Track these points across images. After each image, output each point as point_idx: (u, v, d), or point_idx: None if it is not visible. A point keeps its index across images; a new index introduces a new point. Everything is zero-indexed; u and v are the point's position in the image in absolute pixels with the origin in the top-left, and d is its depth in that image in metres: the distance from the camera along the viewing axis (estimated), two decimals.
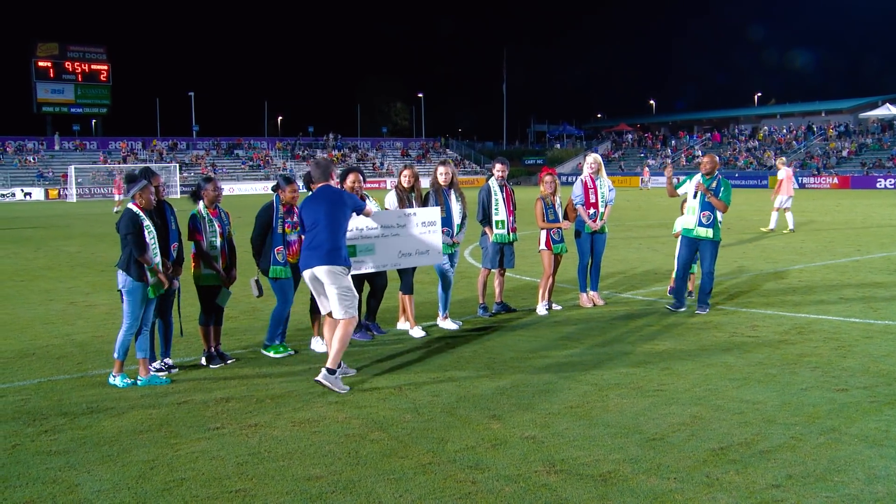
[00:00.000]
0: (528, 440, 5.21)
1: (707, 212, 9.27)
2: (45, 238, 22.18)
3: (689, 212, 9.52)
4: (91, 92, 72.94)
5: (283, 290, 7.64)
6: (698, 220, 9.33)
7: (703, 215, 9.30)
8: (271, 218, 7.55)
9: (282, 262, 7.55)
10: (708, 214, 9.27)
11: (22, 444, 5.32)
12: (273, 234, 7.52)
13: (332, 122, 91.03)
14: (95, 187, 58.20)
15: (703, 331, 8.50)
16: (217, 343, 7.50)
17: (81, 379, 6.96)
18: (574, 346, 7.95)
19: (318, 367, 6.81)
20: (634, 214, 24.40)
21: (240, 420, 5.73)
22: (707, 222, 9.28)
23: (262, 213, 7.60)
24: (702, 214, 9.30)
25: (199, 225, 7.25)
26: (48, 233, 24.38)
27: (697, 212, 9.34)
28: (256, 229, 7.60)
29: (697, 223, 9.34)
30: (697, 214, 9.34)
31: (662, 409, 5.81)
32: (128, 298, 6.51)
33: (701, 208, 9.31)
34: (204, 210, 7.32)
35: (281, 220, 7.57)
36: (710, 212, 9.25)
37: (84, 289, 12.31)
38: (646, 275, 12.71)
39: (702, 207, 9.31)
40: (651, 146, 78.17)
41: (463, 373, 6.95)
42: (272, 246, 7.52)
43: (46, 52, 70.71)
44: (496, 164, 9.57)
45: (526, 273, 12.72)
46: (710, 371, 6.86)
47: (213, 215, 7.36)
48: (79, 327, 9.25)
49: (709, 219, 9.27)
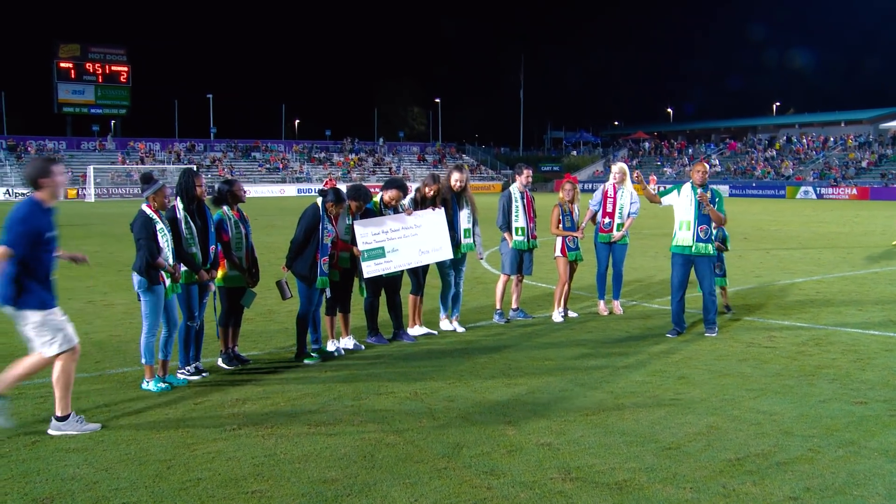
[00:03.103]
0: (544, 447, 5.21)
1: (704, 225, 8.62)
2: (63, 237, 22.11)
3: (682, 227, 8.73)
4: (111, 93, 73.58)
5: (310, 295, 7.64)
6: (695, 235, 8.61)
7: (700, 230, 8.61)
8: (317, 224, 7.52)
9: (326, 272, 7.58)
10: (706, 228, 8.63)
11: (41, 441, 5.38)
12: (319, 243, 7.50)
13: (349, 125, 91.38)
14: (114, 188, 58.70)
15: (719, 341, 8.46)
16: (234, 344, 7.54)
17: (99, 377, 7.04)
18: (590, 353, 7.94)
19: (335, 368, 6.85)
20: (651, 223, 24.31)
21: (256, 421, 5.77)
22: (705, 237, 8.63)
23: (309, 218, 7.54)
24: (699, 229, 8.61)
25: (226, 226, 7.30)
26: (67, 232, 24.49)
27: (694, 226, 8.62)
28: (301, 233, 7.55)
29: (695, 239, 8.62)
30: (694, 229, 8.61)
31: (678, 419, 5.79)
32: (145, 300, 6.52)
33: (698, 222, 8.62)
34: (228, 212, 7.36)
35: (326, 229, 7.57)
36: (707, 225, 8.65)
37: (102, 288, 12.42)
38: (662, 283, 12.66)
39: (699, 221, 8.62)
40: (668, 154, 77.91)
41: (478, 378, 6.95)
42: (319, 254, 7.50)
43: (68, 53, 71.47)
44: (524, 170, 9.64)
45: (542, 280, 12.72)
46: (727, 381, 6.83)
47: (237, 217, 7.41)
48: (97, 326, 9.33)
49: (706, 233, 8.64)
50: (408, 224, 8.52)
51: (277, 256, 8.61)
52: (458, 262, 9.07)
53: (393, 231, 8.36)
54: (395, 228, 8.40)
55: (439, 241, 8.74)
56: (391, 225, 8.39)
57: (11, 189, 56.62)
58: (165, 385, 6.65)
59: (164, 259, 6.48)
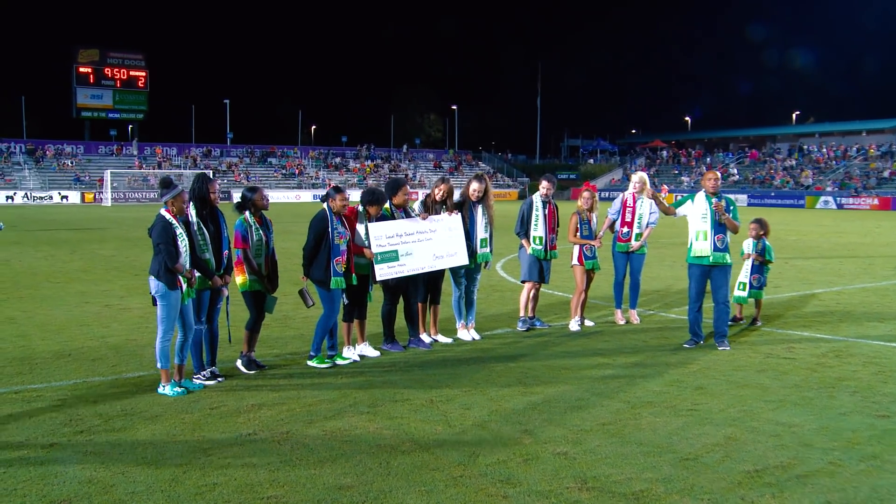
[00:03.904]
0: (560, 456, 5.20)
1: (721, 234, 8.56)
2: (80, 241, 22.57)
3: (698, 237, 8.66)
4: (129, 98, 74.26)
5: (333, 300, 7.70)
6: (713, 244, 8.55)
7: (717, 239, 8.54)
8: (326, 228, 7.58)
9: (340, 273, 7.61)
10: (722, 237, 8.56)
11: (59, 444, 5.43)
12: (331, 245, 7.55)
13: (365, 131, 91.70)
14: (130, 192, 59.18)
15: (737, 351, 8.41)
16: (251, 350, 7.56)
17: (116, 381, 7.09)
18: (606, 363, 7.91)
19: (351, 374, 6.85)
20: (668, 232, 24.19)
21: (272, 427, 5.79)
22: (722, 246, 8.56)
23: (318, 224, 7.63)
24: (716, 238, 8.54)
25: (247, 233, 7.31)
26: (84, 235, 24.82)
27: (711, 236, 8.56)
28: (311, 240, 7.63)
29: (713, 248, 8.55)
30: (711, 239, 8.56)
31: (696, 429, 5.76)
32: (161, 304, 6.56)
33: (714, 231, 8.56)
34: (251, 218, 7.39)
35: (336, 230, 7.62)
36: (724, 234, 8.59)
37: (118, 292, 12.51)
38: (680, 293, 12.60)
39: (715, 230, 8.55)
40: (685, 163, 77.62)
41: (495, 387, 6.95)
42: (331, 257, 7.55)
43: (87, 58, 72.25)
44: (542, 181, 9.64)
45: (558, 288, 12.69)
46: (745, 392, 6.79)
47: (259, 223, 7.44)
48: (113, 330, 9.40)
49: (723, 242, 8.56)
50: (423, 228, 8.50)
51: (293, 262, 8.64)
52: (471, 271, 9.05)
53: (407, 235, 8.35)
54: (410, 232, 8.39)
55: (455, 247, 8.71)
56: (406, 228, 8.38)
57: (30, 192, 57.20)
58: (181, 390, 6.69)
59: (181, 264, 6.53)
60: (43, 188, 58.70)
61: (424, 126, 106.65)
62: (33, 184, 59.48)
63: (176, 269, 6.48)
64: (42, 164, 63.38)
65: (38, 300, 11.67)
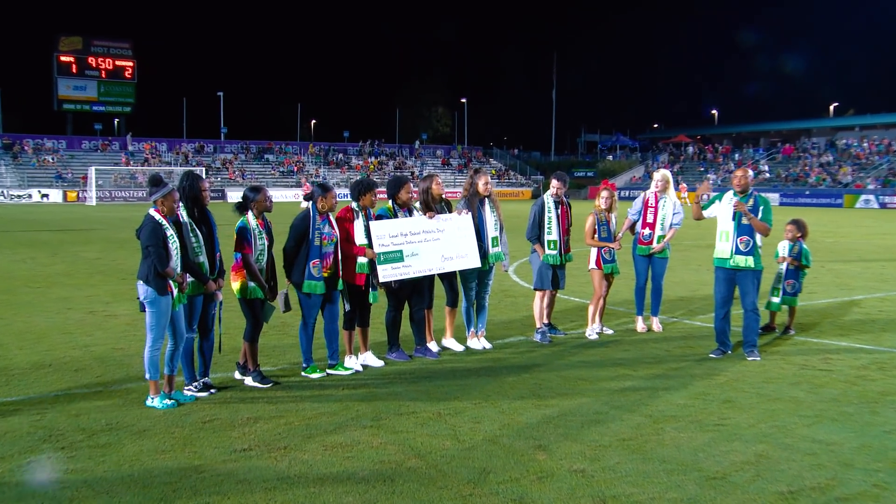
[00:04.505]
0: (577, 473, 5.21)
1: (745, 236, 8.54)
2: (62, 243, 22.69)
3: (721, 238, 8.74)
4: (115, 89, 74.69)
5: (309, 306, 7.74)
6: (734, 246, 8.59)
7: (740, 241, 8.55)
8: (308, 228, 7.64)
9: (317, 276, 7.63)
10: (746, 239, 8.54)
11: (39, 461, 5.45)
12: (309, 246, 7.60)
13: (368, 127, 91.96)
14: (116, 190, 59.41)
15: (768, 362, 8.40)
16: (257, 364, 7.54)
17: (100, 393, 7.11)
18: (626, 373, 7.92)
19: (353, 386, 6.87)
20: (693, 233, 24.16)
21: (268, 442, 5.82)
22: (746, 249, 8.54)
23: (299, 223, 7.69)
24: (739, 240, 8.56)
25: (250, 236, 7.31)
26: (66, 237, 24.95)
27: (733, 237, 8.60)
28: (291, 240, 7.69)
29: (734, 251, 8.59)
30: (733, 240, 8.60)
31: (724, 446, 5.76)
32: (150, 311, 6.58)
33: (738, 233, 8.57)
34: (253, 221, 7.39)
35: (318, 231, 7.66)
36: (749, 236, 8.54)
37: (104, 297, 12.57)
38: (705, 299, 12.59)
39: (738, 232, 8.57)
40: (712, 160, 77.48)
41: (507, 399, 6.96)
42: (308, 259, 7.60)
43: (69, 46, 72.57)
44: (552, 180, 9.63)
45: (575, 294, 12.70)
46: (777, 406, 6.78)
47: (261, 227, 7.45)
48: (98, 338, 9.45)
49: (748, 245, 8.54)
50: (430, 227, 8.51)
51: None
52: (483, 274, 9.05)
53: (413, 234, 8.36)
54: (416, 231, 8.40)
55: (465, 248, 8.69)
56: (411, 227, 8.40)
57: (7, 191, 57.49)
58: (171, 402, 6.72)
59: (172, 268, 6.55)
60: (21, 186, 59.03)
61: (432, 120, 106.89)
62: (10, 181, 59.83)
63: (166, 274, 6.50)
64: (20, 160, 63.74)
65: (15, 307, 11.73)
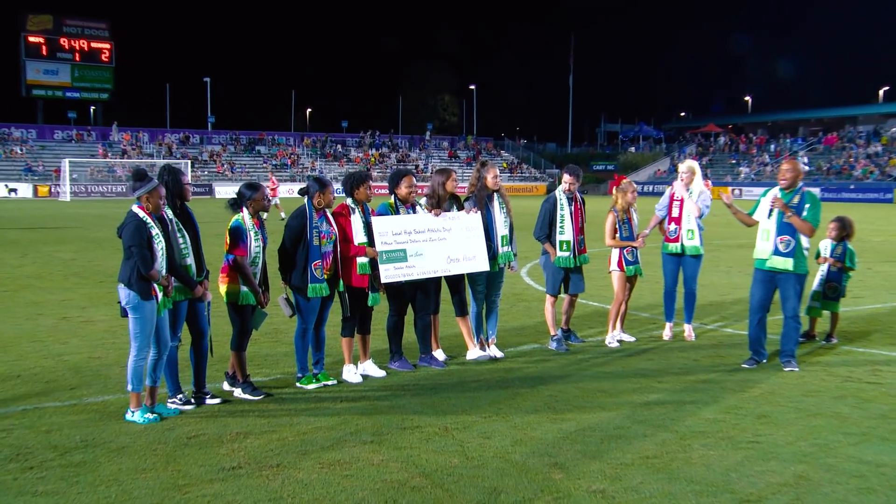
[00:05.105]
0: (596, 494, 5.22)
1: (786, 236, 8.49)
2: (33, 242, 22.73)
3: (762, 237, 8.72)
4: (90, 74, 74.72)
5: (310, 311, 7.75)
6: (774, 246, 8.55)
7: (780, 241, 8.52)
8: (304, 227, 7.64)
9: (320, 278, 7.65)
10: (787, 239, 8.49)
11: (3, 483, 5.43)
12: (308, 247, 7.60)
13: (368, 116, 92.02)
14: (93, 185, 59.47)
15: (808, 373, 8.38)
16: (247, 374, 7.55)
17: (74, 407, 7.11)
18: (651, 385, 7.92)
19: (352, 398, 6.88)
20: (723, 232, 24.13)
21: (260, 459, 5.82)
22: (786, 250, 8.49)
23: (294, 222, 7.69)
24: (778, 240, 8.52)
25: (245, 237, 7.31)
26: (37, 236, 25.00)
27: (773, 236, 8.57)
28: (287, 240, 7.69)
29: (773, 251, 8.56)
30: (773, 239, 8.57)
31: (759, 465, 5.76)
32: (134, 317, 6.57)
33: (778, 232, 8.54)
34: (249, 220, 7.39)
35: (316, 229, 7.66)
36: (791, 236, 8.48)
37: (79, 302, 12.60)
38: (737, 304, 12.58)
39: (779, 231, 8.53)
40: (745, 151, 77.34)
41: (519, 412, 6.97)
42: (309, 260, 7.59)
43: (38, 25, 72.40)
44: (564, 175, 9.59)
45: (594, 297, 12.69)
46: (819, 422, 6.76)
47: (257, 226, 7.45)
48: (72, 347, 9.46)
49: (788, 245, 8.48)
50: (435, 226, 8.54)
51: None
52: (494, 276, 9.05)
53: (417, 233, 8.39)
54: (421, 230, 8.43)
55: (473, 249, 8.71)
56: (415, 225, 8.43)
57: None
58: (153, 416, 6.72)
59: (157, 270, 6.55)
60: None
61: (438, 109, 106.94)
62: None
63: (151, 277, 6.49)
64: None
65: None
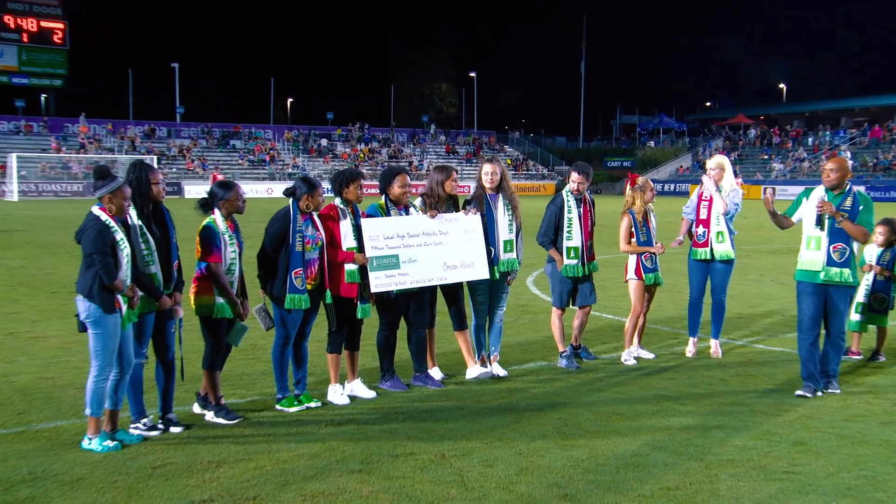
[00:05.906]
0: None
1: (840, 244, 8.26)
2: None
3: (809, 245, 8.45)
4: (40, 58, 74.23)
5: (288, 324, 7.77)
6: (827, 256, 8.30)
7: (833, 249, 8.28)
8: (286, 231, 7.64)
9: (301, 288, 7.65)
10: (841, 247, 8.27)
11: None
12: (290, 253, 7.61)
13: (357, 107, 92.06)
14: (45, 183, 59.33)
15: (851, 396, 8.40)
16: (219, 395, 7.55)
17: (22, 434, 7.07)
18: (672, 407, 7.94)
19: (338, 422, 6.89)
20: (752, 236, 24.16)
21: (234, 492, 5.83)
22: (841, 259, 8.26)
23: (276, 224, 7.70)
24: (832, 248, 8.29)
25: (219, 241, 7.29)
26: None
27: (825, 245, 8.31)
28: (268, 244, 7.70)
29: (827, 261, 8.30)
30: (826, 249, 8.31)
31: (796, 499, 5.76)
32: (95, 333, 6.53)
33: (830, 240, 8.29)
34: (222, 223, 7.38)
35: (300, 233, 7.67)
36: (845, 243, 8.26)
37: (28, 315, 12.58)
38: (769, 316, 12.62)
39: (832, 238, 8.28)
40: (779, 145, 77.35)
41: (524, 438, 6.98)
42: (289, 268, 7.61)
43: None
44: (572, 173, 9.57)
45: (608, 309, 12.72)
46: (864, 451, 6.75)
47: (231, 230, 7.44)
48: (20, 366, 9.43)
49: (843, 254, 8.26)
50: (431, 229, 8.54)
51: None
52: (497, 285, 9.07)
53: (411, 236, 8.40)
54: (415, 233, 8.44)
55: (472, 256, 8.71)
56: (409, 227, 8.44)
57: None
58: (114, 444, 6.69)
59: (122, 280, 6.51)
60: None
61: (434, 100, 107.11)
62: None
63: (115, 287, 6.45)
64: None
65: None
